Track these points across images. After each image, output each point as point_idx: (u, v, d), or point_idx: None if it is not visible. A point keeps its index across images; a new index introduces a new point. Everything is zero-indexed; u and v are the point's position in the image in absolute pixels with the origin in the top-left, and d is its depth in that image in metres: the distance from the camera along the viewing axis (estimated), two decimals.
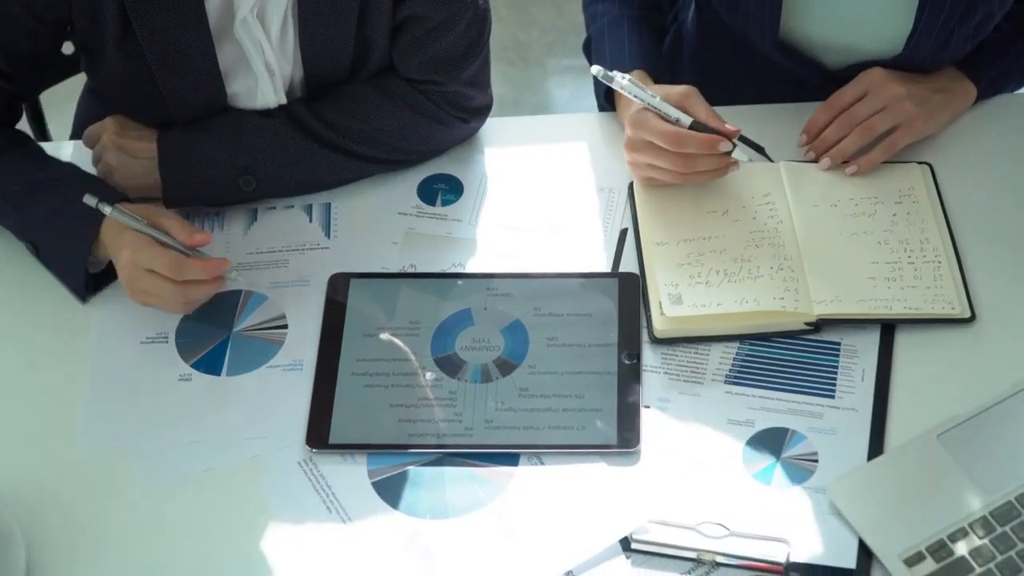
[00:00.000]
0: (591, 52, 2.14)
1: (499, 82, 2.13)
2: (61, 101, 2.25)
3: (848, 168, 1.97)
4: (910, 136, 1.98)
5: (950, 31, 1.95)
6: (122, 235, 1.82)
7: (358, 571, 1.64)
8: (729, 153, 1.88)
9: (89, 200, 1.82)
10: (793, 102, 2.11)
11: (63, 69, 2.32)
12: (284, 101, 1.98)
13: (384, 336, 1.84)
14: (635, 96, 1.91)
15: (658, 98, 1.89)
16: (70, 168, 1.94)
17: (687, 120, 1.88)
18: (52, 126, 2.50)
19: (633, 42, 2.06)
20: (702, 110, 1.90)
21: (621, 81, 1.92)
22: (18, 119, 2.04)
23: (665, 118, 1.89)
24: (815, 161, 1.99)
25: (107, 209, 1.82)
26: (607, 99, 2.09)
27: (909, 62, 2.00)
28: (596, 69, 1.95)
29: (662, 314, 1.81)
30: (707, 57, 2.15)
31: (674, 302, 1.82)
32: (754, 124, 2.05)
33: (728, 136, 1.88)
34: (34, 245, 1.92)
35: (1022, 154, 2.02)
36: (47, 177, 1.91)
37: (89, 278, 1.90)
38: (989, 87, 2.06)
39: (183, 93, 1.93)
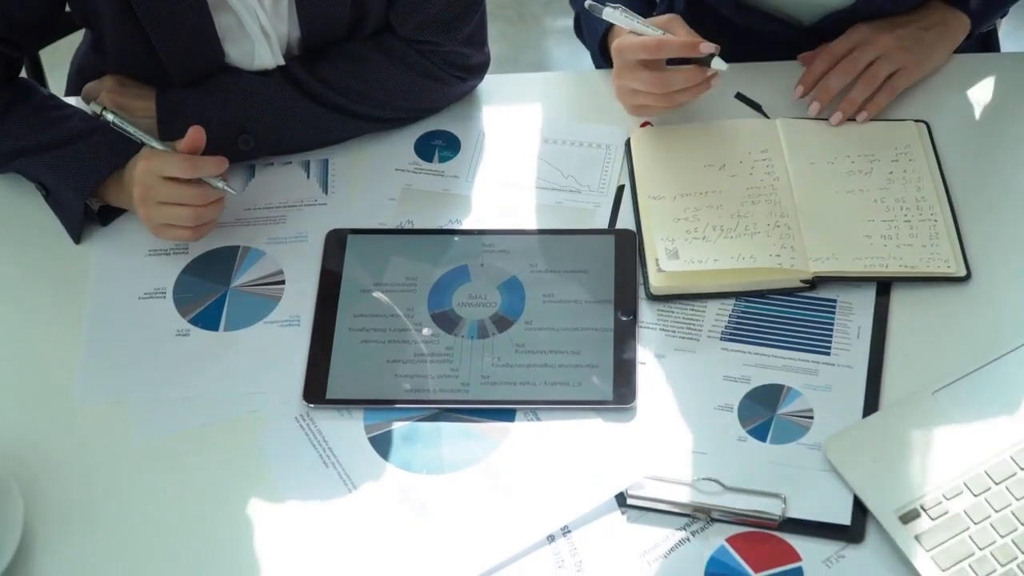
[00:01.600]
0: (581, 23, 2.13)
1: (497, 41, 2.13)
2: (62, 59, 2.25)
3: (860, 116, 1.97)
4: (909, 79, 2.00)
5: None
6: (133, 159, 1.86)
7: (354, 526, 1.64)
8: (710, 66, 1.88)
9: (94, 107, 1.88)
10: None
11: (66, 27, 2.31)
12: (282, 62, 1.98)
13: (380, 293, 1.85)
14: (623, 23, 1.90)
15: (647, 27, 1.89)
16: (81, 124, 1.94)
17: (659, 33, 1.89)
18: (52, 82, 2.50)
19: None
20: (683, 31, 1.90)
21: (610, 10, 1.91)
22: (18, 73, 2.03)
23: None
24: (823, 118, 1.98)
25: (109, 116, 1.86)
26: (603, 56, 2.08)
27: (866, 10, 2.00)
28: (589, 3, 1.94)
29: (659, 270, 1.82)
30: (696, 24, 2.15)
31: (671, 257, 1.82)
32: (750, 82, 2.05)
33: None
34: (43, 185, 1.93)
35: (1019, 113, 2.02)
36: (60, 134, 1.92)
37: (84, 219, 1.92)
38: (980, 13, 2.06)
39: (182, 60, 1.93)
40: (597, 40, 2.05)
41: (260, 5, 1.89)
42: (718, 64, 1.88)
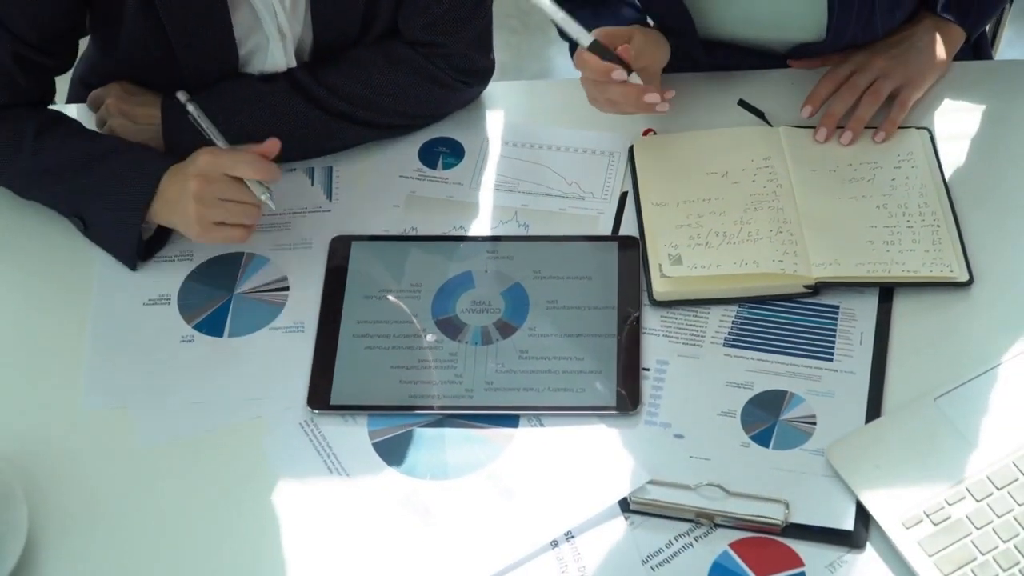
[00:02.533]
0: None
1: (501, 49, 2.13)
2: None
3: (877, 136, 1.97)
4: (915, 91, 2.01)
5: (870, 9, 1.97)
6: (195, 153, 1.84)
7: (358, 531, 1.64)
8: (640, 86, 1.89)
9: (181, 95, 1.90)
10: None
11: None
12: (293, 64, 1.99)
13: (385, 298, 1.85)
14: (545, 8, 1.86)
15: (561, 15, 1.86)
16: (115, 140, 1.95)
17: (587, 40, 1.88)
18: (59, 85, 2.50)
19: (611, 5, 2.07)
20: (612, 37, 1.90)
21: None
22: (52, 97, 2.02)
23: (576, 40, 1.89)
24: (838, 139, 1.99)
25: (191, 107, 1.88)
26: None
27: (836, 46, 2.03)
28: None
29: (662, 276, 1.82)
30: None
31: (674, 262, 1.82)
32: (753, 89, 2.06)
33: (624, 64, 1.87)
34: (81, 218, 1.91)
35: (1020, 119, 2.02)
36: (95, 150, 1.91)
37: (141, 243, 1.90)
38: (972, 21, 2.08)
39: (197, 57, 1.94)
40: (574, 48, 2.06)
41: (280, 3, 1.90)
42: (636, 79, 1.88)
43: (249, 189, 1.83)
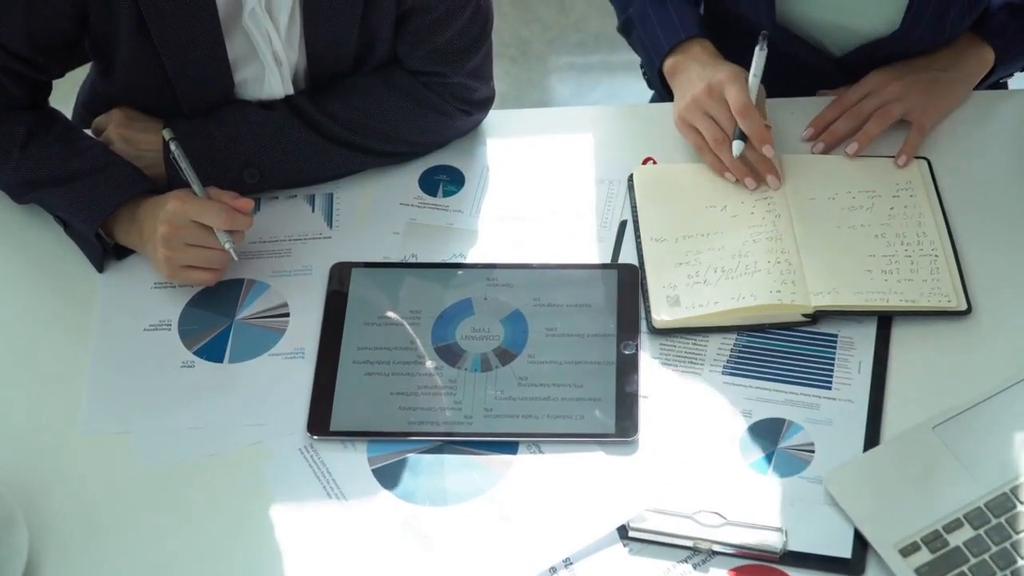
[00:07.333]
0: (632, 32, 2.15)
1: (501, 78, 2.13)
2: (68, 93, 2.26)
3: (900, 159, 1.98)
4: (932, 118, 2.02)
5: (947, 5, 1.97)
6: (167, 195, 1.87)
7: (357, 557, 1.65)
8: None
9: (167, 133, 1.91)
10: (797, 95, 2.11)
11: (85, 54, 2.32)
12: (291, 91, 1.99)
13: (385, 325, 1.85)
14: None
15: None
16: (94, 157, 1.95)
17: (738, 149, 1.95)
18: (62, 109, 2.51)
19: (682, 10, 2.07)
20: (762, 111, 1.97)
21: None
22: (45, 98, 2.03)
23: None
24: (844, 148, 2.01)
25: (173, 146, 1.89)
26: (659, 77, 2.10)
27: (907, 39, 2.02)
28: None
29: (659, 318, 1.83)
30: (718, 47, 2.16)
31: (671, 304, 1.83)
32: None
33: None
34: (62, 220, 1.95)
35: (1019, 149, 2.03)
36: (70, 168, 1.93)
37: (107, 253, 1.93)
38: (1005, 52, 2.07)
39: (192, 83, 1.94)
40: (661, 55, 2.07)
41: (275, 29, 1.91)
42: (736, 148, 1.94)
43: (212, 235, 1.85)
